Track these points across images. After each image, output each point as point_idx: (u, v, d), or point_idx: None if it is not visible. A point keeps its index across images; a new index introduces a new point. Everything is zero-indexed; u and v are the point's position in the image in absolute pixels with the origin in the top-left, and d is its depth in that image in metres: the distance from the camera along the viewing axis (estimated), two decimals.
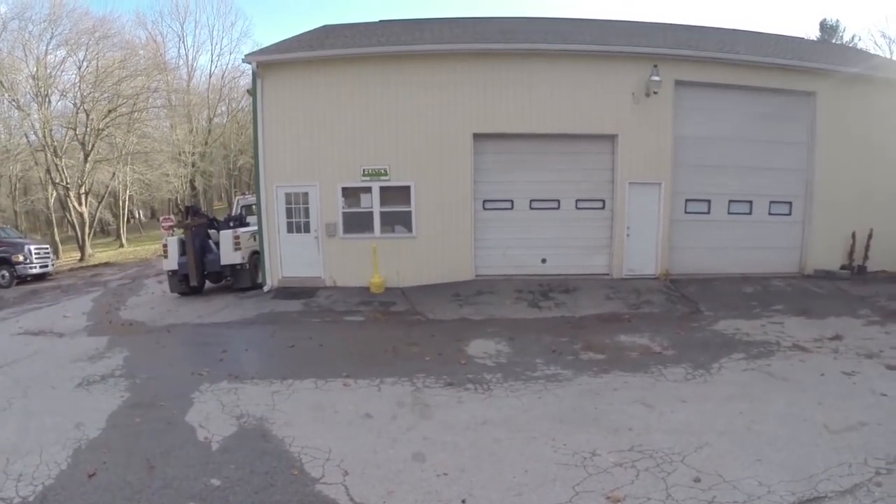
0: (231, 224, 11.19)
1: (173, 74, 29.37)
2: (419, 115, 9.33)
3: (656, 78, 9.11)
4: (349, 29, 11.67)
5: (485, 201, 9.73)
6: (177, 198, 27.39)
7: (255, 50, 9.66)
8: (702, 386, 5.56)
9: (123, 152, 20.33)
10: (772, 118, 10.15)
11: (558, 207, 9.76)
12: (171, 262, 10.67)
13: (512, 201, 9.75)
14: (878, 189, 10.53)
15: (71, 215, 18.99)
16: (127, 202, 23.05)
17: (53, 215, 20.32)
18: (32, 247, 14.50)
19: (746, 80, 9.81)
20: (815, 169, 10.28)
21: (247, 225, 11.96)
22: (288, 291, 9.72)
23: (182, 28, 36.47)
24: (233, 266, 10.43)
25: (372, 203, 9.53)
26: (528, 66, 9.26)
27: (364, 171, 9.44)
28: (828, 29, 39.36)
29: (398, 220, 9.61)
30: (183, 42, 36.90)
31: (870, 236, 10.55)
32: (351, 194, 9.59)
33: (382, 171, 9.42)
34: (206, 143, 31.90)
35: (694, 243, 10.04)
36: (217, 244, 10.76)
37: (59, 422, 4.97)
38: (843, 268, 10.59)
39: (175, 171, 23.20)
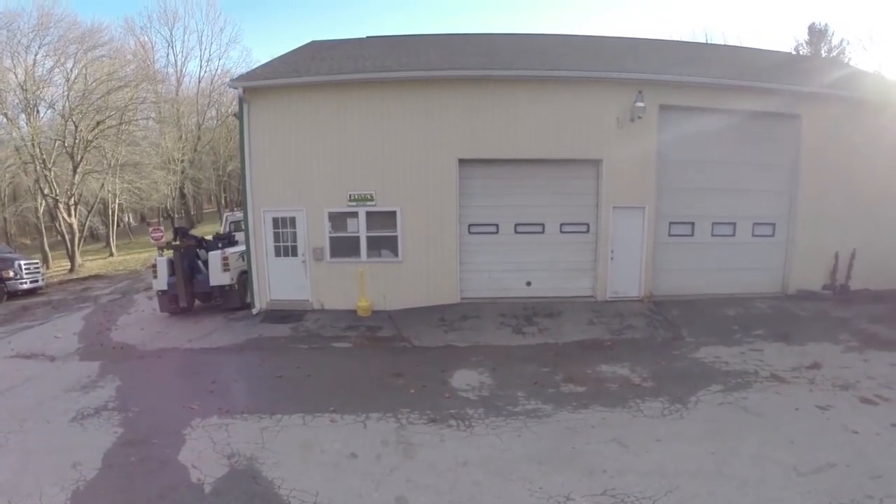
0: (220, 245, 11.37)
1: (163, 85, 29.65)
2: (405, 141, 9.57)
3: (641, 104, 9.36)
4: (337, 47, 11.84)
5: (470, 225, 9.99)
6: (166, 203, 27.52)
7: (242, 74, 9.89)
8: (677, 423, 5.84)
9: (112, 164, 20.42)
10: (757, 140, 10.43)
11: (543, 231, 10.03)
12: (161, 283, 10.87)
13: (497, 225, 10.01)
14: (863, 208, 10.86)
15: (60, 226, 19.08)
16: (116, 210, 23.12)
17: (43, 224, 20.37)
18: (22, 262, 14.64)
19: (732, 103, 10.10)
20: (799, 190, 10.59)
21: (236, 243, 12.15)
22: (276, 314, 9.95)
23: (171, 33, 37.31)
24: (222, 287, 10.64)
25: (359, 228, 9.78)
26: (513, 91, 9.51)
27: (350, 196, 9.67)
28: (816, 33, 40.19)
29: (385, 245, 9.85)
30: (172, 47, 37.58)
31: (853, 256, 10.89)
32: (338, 219, 9.82)
33: (368, 197, 9.65)
34: (196, 149, 32.13)
35: (678, 265, 10.35)
36: (206, 263, 10.95)
37: (57, 461, 5.21)
38: (825, 287, 10.92)
39: (164, 179, 23.29)
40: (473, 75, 9.28)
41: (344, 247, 9.86)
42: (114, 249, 23.77)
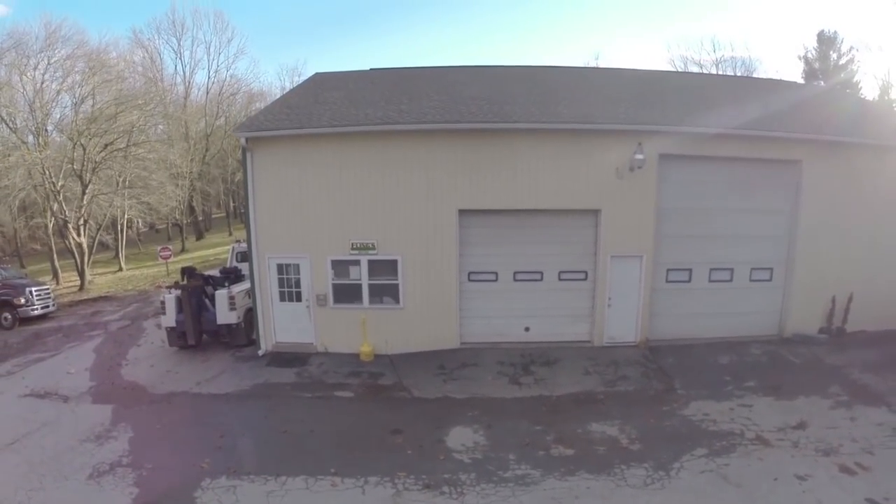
0: (226, 283, 11.94)
1: (171, 95, 30.56)
2: (405, 190, 10.09)
3: (640, 156, 9.75)
4: (340, 86, 12.30)
5: (470, 273, 10.50)
6: (175, 214, 28.41)
7: (245, 122, 10.38)
8: (658, 493, 6.35)
9: (120, 185, 21.14)
10: (757, 186, 10.80)
11: (541, 279, 10.50)
12: (170, 320, 11.52)
13: (496, 273, 10.50)
14: (861, 251, 11.18)
15: (70, 244, 19.85)
16: (125, 226, 23.93)
17: (53, 241, 21.14)
18: (34, 288, 15.37)
19: (732, 151, 10.47)
20: (798, 235, 10.96)
21: (242, 277, 12.73)
22: (281, 357, 10.54)
23: (179, 44, 38.29)
24: (229, 325, 11.24)
25: (361, 275, 10.32)
26: (512, 142, 9.96)
27: (353, 244, 10.19)
28: (825, 40, 41.23)
29: (386, 292, 10.38)
30: (180, 58, 38.25)
31: (850, 300, 11.23)
32: (340, 266, 10.39)
33: (370, 246, 10.16)
34: (204, 160, 33.16)
35: (674, 310, 10.78)
36: (213, 300, 11.54)
37: None
38: (822, 330, 11.28)
39: (174, 193, 24.09)
40: (473, 128, 9.69)
41: (347, 293, 10.42)
42: (123, 264, 24.75)
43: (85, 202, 19.27)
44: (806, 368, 10.14)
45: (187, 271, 11.83)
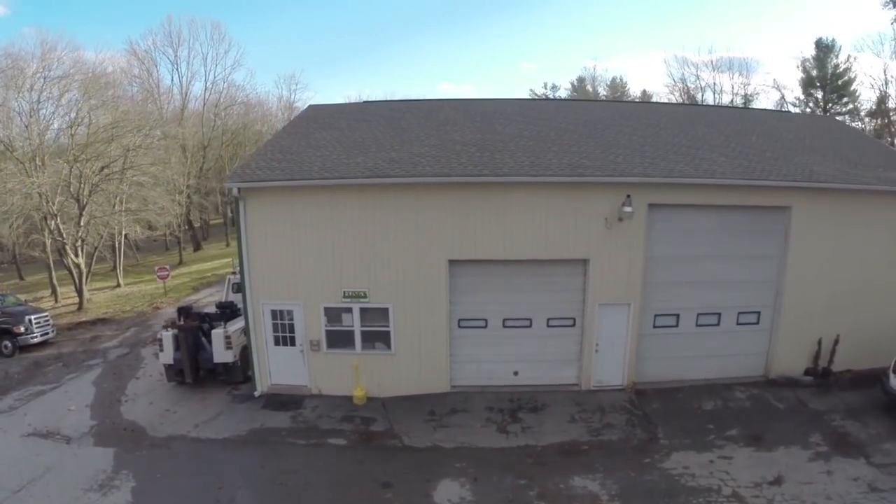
0: (223, 322, 12.45)
1: (169, 118, 31.22)
2: (396, 240, 10.63)
3: (629, 209, 10.22)
4: (332, 124, 12.89)
5: (460, 320, 11.07)
6: (172, 226, 29.09)
7: (237, 171, 10.80)
8: None
9: (117, 206, 21.69)
10: (746, 233, 11.30)
11: (530, 325, 11.03)
12: (167, 357, 12.13)
13: (486, 320, 11.04)
14: (848, 294, 11.67)
15: (68, 263, 20.42)
16: (122, 243, 24.54)
17: (51, 259, 21.71)
18: (33, 316, 15.98)
19: (722, 199, 10.98)
20: (787, 279, 11.45)
21: (238, 313, 13.24)
22: (276, 400, 11.14)
23: (176, 55, 39.08)
24: (225, 363, 11.80)
25: (353, 322, 10.89)
26: (502, 194, 10.47)
27: (345, 293, 10.75)
28: (823, 48, 42.03)
29: (378, 338, 10.95)
30: (177, 69, 39.44)
31: (836, 342, 11.72)
32: (333, 313, 10.97)
33: (362, 294, 10.69)
34: (202, 171, 33.84)
35: (662, 354, 11.32)
36: (210, 337, 12.07)
37: None
38: (808, 371, 11.79)
39: (171, 209, 24.66)
40: (462, 181, 10.15)
41: (340, 339, 11.00)
42: (121, 279, 25.57)
43: (83, 223, 19.83)
44: (789, 414, 10.68)
45: (184, 311, 12.39)
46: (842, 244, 11.49)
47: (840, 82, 42.08)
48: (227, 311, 13.25)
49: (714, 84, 49.94)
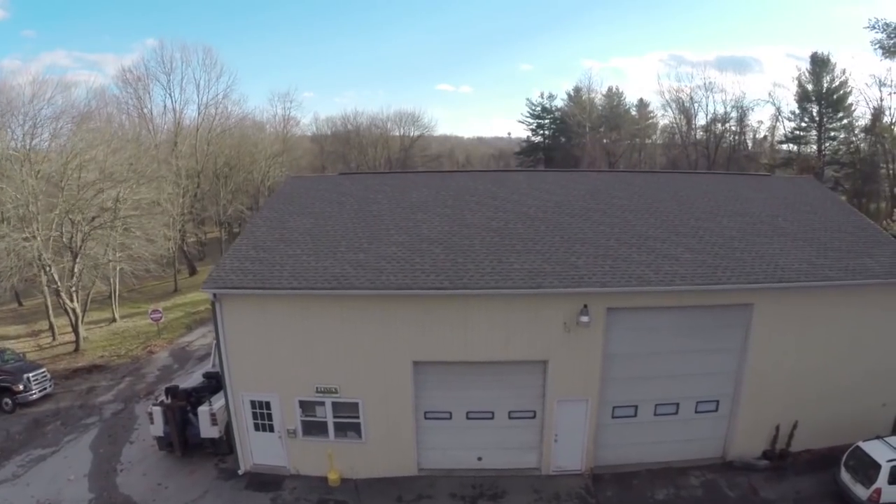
0: (209, 398, 13.89)
1: (163, 148, 32.41)
2: (363, 342, 11.59)
3: (585, 318, 11.09)
4: (311, 189, 13.91)
5: (426, 412, 12.19)
6: (168, 249, 30.66)
7: (213, 275, 11.59)
8: None
9: (110, 256, 23.10)
10: (707, 329, 12.05)
11: (493, 417, 12.17)
12: (158, 430, 13.71)
13: (450, 412, 12.19)
14: (809, 381, 12.47)
15: (64, 305, 22.07)
16: (117, 278, 26.10)
17: (49, 299, 23.32)
18: (31, 374, 17.45)
19: (682, 301, 11.66)
20: (746, 371, 12.27)
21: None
22: (258, 479, 12.65)
23: (169, 80, 39.98)
24: (212, 438, 13.38)
25: (326, 414, 12.13)
26: (463, 303, 11.32)
27: (317, 388, 11.93)
28: (819, 62, 43.32)
29: (350, 428, 12.22)
30: (170, 95, 40.42)
31: (794, 426, 12.71)
32: (307, 405, 12.17)
33: (333, 390, 11.91)
34: (196, 198, 35.64)
35: (620, 441, 12.41)
36: (197, 408, 13.59)
37: None
38: (765, 454, 12.85)
39: (164, 237, 26.07)
40: (425, 294, 11.15)
41: (314, 428, 12.27)
42: (116, 314, 27.23)
43: (77, 270, 21.35)
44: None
45: (171, 391, 13.88)
46: (804, 336, 12.12)
47: (835, 97, 42.81)
48: (214, 382, 14.67)
49: (710, 83, 50.80)
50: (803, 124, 46.42)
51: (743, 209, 14.34)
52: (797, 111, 46.42)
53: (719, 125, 50.98)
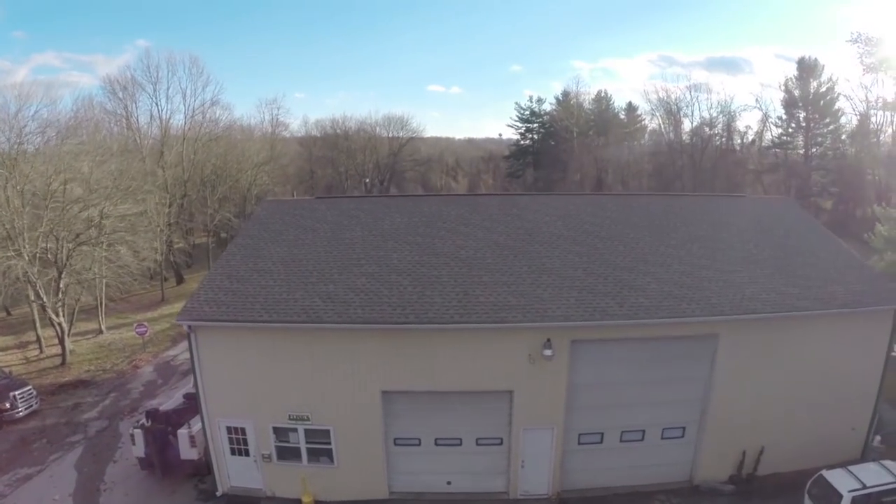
0: (188, 421, 14.44)
1: (149, 160, 32.96)
2: (334, 373, 12.00)
3: (548, 352, 11.47)
4: (286, 215, 14.60)
5: (396, 439, 12.64)
6: (155, 261, 31.25)
7: (188, 307, 12.05)
8: None
9: (94, 273, 23.71)
10: (673, 358, 12.40)
11: (461, 444, 12.61)
12: (139, 451, 14.31)
13: (419, 439, 12.63)
14: (776, 408, 12.83)
15: (51, 320, 22.76)
16: (103, 291, 26.71)
17: (36, 314, 23.99)
18: (17, 392, 17.98)
19: (646, 332, 12.01)
20: (712, 399, 12.64)
21: None
22: (236, 501, 13.22)
23: (155, 89, 40.30)
24: (191, 460, 13.99)
25: (299, 440, 12.60)
26: (430, 337, 11.76)
27: (290, 415, 12.40)
28: (806, 67, 44.17)
29: (322, 453, 12.68)
30: (157, 104, 40.76)
31: (761, 452, 13.10)
32: (281, 431, 12.64)
33: (305, 417, 12.39)
34: (182, 207, 36.16)
35: (586, 466, 12.85)
36: (178, 428, 14.18)
37: None
38: (732, 478, 13.26)
39: (150, 247, 26.58)
40: (391, 328, 11.59)
41: (288, 453, 12.73)
42: (102, 325, 27.74)
43: (62, 286, 21.98)
44: None
45: (150, 414, 14.47)
46: (770, 364, 12.45)
47: (822, 103, 43.08)
48: (194, 403, 15.23)
49: (697, 84, 51.01)
50: (790, 129, 46.78)
51: (715, 234, 14.61)
52: (784, 116, 46.85)
53: (706, 129, 50.64)
